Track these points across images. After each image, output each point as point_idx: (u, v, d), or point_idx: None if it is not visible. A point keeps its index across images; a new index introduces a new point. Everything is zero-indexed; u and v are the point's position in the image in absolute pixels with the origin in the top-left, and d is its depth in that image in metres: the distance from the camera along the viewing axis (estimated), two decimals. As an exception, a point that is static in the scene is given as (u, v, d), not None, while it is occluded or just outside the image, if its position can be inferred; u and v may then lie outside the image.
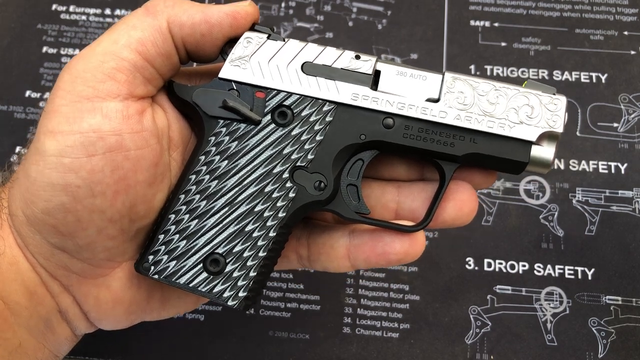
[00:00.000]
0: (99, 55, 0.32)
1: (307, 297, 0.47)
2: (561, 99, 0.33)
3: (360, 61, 0.34)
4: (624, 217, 0.49)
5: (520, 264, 0.48)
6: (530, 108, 0.33)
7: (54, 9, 0.58)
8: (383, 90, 0.34)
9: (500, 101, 0.33)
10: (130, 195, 0.32)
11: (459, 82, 0.33)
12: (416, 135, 0.33)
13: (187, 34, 0.33)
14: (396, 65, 0.34)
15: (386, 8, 0.58)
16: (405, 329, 0.46)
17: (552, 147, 0.34)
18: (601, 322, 0.46)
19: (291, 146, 0.33)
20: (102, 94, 0.31)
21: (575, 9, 0.57)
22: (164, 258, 0.33)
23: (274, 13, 0.57)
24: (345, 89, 0.33)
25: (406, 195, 0.36)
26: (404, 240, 0.34)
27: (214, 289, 0.33)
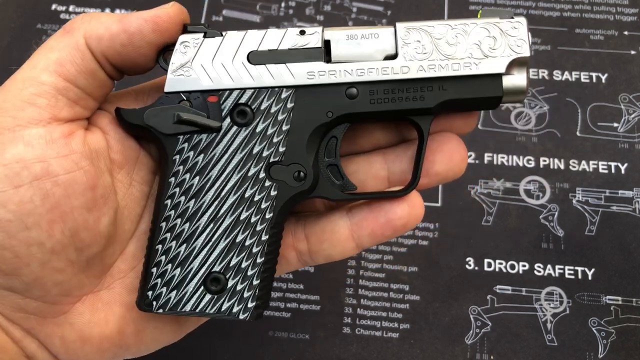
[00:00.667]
0: (19, 83, 0.31)
1: (307, 297, 0.47)
2: (522, 21, 0.32)
3: (306, 36, 0.32)
4: (624, 217, 0.49)
5: (520, 264, 0.48)
6: (492, 39, 0.32)
7: (54, 9, 0.58)
8: (338, 60, 0.32)
9: (460, 40, 0.32)
10: (69, 223, 0.30)
11: (414, 32, 0.32)
12: (383, 98, 0.32)
13: (106, 47, 0.31)
14: (345, 30, 0.32)
15: (386, 8, 0.58)
16: (405, 329, 0.46)
17: (523, 73, 0.32)
18: (601, 322, 0.46)
19: (259, 144, 0.31)
20: (22, 122, 0.30)
21: (576, 9, 0.57)
22: (163, 290, 0.32)
23: (274, 13, 0.57)
24: (299, 69, 0.31)
25: (392, 160, 0.35)
26: (402, 204, 0.33)
27: (222, 308, 0.32)
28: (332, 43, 0.32)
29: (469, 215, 0.50)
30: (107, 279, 0.33)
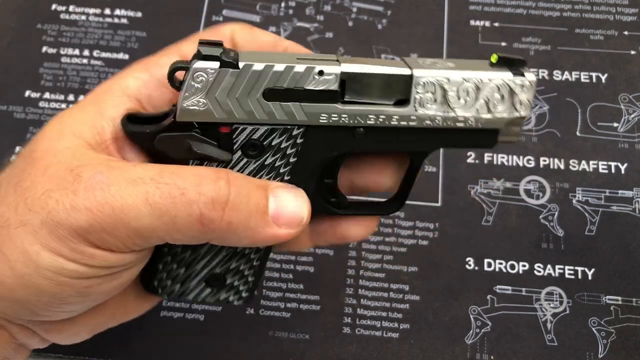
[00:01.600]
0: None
1: (307, 297, 0.47)
2: (532, 82, 0.32)
3: (324, 77, 0.31)
4: (624, 217, 0.49)
5: (520, 264, 0.48)
6: (500, 98, 0.32)
7: (54, 9, 0.58)
8: (350, 99, 0.31)
9: (470, 96, 0.32)
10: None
11: (429, 84, 0.31)
12: (388, 140, 0.32)
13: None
14: (360, 66, 0.32)
15: (386, 8, 0.58)
16: (405, 329, 0.46)
17: (518, 127, 0.33)
18: (601, 322, 0.46)
19: (267, 174, 0.32)
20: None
21: (575, 9, 0.57)
22: (168, 283, 0.35)
23: (274, 13, 0.57)
24: (313, 110, 0.31)
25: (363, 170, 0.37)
26: (360, 227, 0.36)
27: (220, 298, 0.36)
28: (347, 83, 0.31)
29: (469, 215, 0.50)
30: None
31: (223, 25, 0.35)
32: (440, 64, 0.32)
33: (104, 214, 0.27)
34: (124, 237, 0.28)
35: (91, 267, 0.29)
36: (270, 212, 0.30)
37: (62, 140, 0.30)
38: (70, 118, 0.31)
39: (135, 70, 0.33)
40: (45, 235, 0.27)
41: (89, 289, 0.30)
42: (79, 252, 0.28)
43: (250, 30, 0.35)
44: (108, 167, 0.29)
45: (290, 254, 0.49)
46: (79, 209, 0.27)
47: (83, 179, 0.28)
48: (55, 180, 0.28)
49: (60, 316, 0.31)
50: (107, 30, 0.57)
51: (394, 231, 0.49)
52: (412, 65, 0.32)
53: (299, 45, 0.37)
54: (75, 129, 0.30)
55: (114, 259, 0.29)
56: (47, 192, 0.28)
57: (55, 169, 0.29)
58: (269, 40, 0.35)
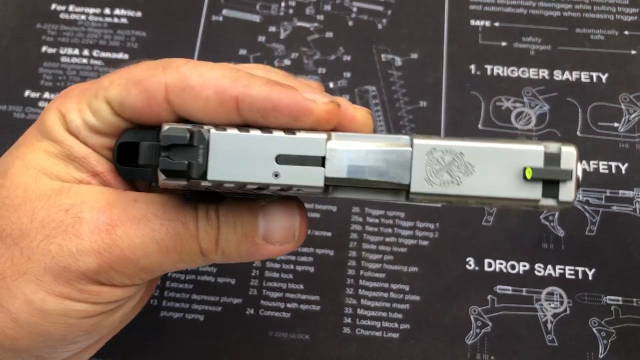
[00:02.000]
0: None
1: (307, 297, 0.47)
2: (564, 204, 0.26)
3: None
4: (624, 217, 0.49)
5: (520, 264, 0.48)
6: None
7: (53, 9, 0.58)
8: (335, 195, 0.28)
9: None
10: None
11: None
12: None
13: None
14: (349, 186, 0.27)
15: (386, 7, 0.58)
16: (406, 329, 0.46)
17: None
18: (602, 323, 0.46)
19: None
20: None
21: (576, 9, 0.57)
22: None
23: (274, 13, 0.57)
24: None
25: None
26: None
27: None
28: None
29: (469, 215, 0.49)
30: None
31: (154, 77, 0.28)
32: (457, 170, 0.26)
33: (113, 255, 0.27)
34: (132, 274, 0.28)
35: (98, 305, 0.29)
36: (260, 233, 0.29)
37: (40, 183, 0.29)
38: (33, 157, 0.30)
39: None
40: (50, 281, 0.27)
41: (96, 325, 0.30)
42: (86, 292, 0.28)
43: (185, 84, 0.27)
44: (107, 204, 0.28)
45: (290, 254, 0.49)
46: (87, 252, 0.27)
47: (85, 220, 0.27)
48: (51, 225, 0.27)
49: (67, 355, 0.31)
50: (107, 30, 0.57)
51: (394, 231, 0.49)
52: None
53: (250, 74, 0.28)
54: (44, 168, 0.29)
55: (119, 293, 0.29)
56: (46, 238, 0.27)
57: (46, 213, 0.28)
58: (210, 95, 0.27)
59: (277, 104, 0.26)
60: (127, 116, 0.29)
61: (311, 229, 0.49)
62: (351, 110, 0.29)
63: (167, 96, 0.27)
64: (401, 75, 0.55)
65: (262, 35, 0.56)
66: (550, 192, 0.25)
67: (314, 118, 0.26)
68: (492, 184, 0.25)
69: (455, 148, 0.25)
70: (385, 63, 0.55)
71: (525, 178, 0.25)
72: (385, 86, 0.54)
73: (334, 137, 0.26)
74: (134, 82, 0.28)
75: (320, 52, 0.56)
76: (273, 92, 0.26)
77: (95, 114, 0.29)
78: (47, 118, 0.30)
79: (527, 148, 0.25)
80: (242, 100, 0.26)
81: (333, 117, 0.27)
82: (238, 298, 0.47)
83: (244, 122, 0.27)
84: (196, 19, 0.57)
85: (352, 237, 0.49)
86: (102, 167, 0.30)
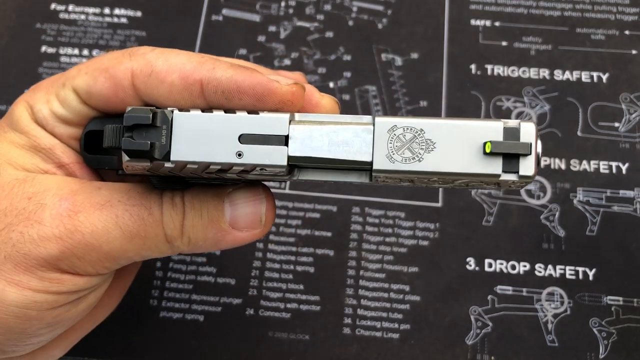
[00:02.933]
0: None
1: (307, 298, 0.47)
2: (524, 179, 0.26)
3: (267, 171, 0.27)
4: (625, 218, 0.49)
5: (521, 264, 0.48)
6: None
7: (53, 8, 0.58)
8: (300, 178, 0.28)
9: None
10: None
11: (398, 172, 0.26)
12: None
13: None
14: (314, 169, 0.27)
15: (386, 7, 0.57)
16: (406, 329, 0.46)
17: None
18: (602, 323, 0.46)
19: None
20: None
21: (576, 8, 0.57)
22: None
23: (274, 12, 0.57)
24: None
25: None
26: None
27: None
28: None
29: (470, 215, 0.49)
30: None
31: (121, 64, 0.28)
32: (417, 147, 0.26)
33: (75, 240, 0.27)
34: (95, 261, 0.28)
35: (60, 295, 0.28)
36: (227, 219, 0.29)
37: (5, 173, 0.29)
38: (0, 147, 0.29)
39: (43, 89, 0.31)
40: (10, 269, 0.27)
41: (58, 317, 0.29)
42: (47, 279, 0.27)
43: (151, 70, 0.28)
44: (71, 192, 0.28)
45: (290, 255, 0.48)
46: (48, 238, 0.27)
47: (47, 206, 0.27)
48: (13, 213, 0.27)
49: (29, 349, 0.31)
50: (107, 29, 0.57)
51: (394, 231, 0.49)
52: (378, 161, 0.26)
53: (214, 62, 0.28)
54: (9, 158, 0.29)
55: (82, 282, 0.29)
56: (7, 226, 0.27)
57: (8, 202, 0.28)
58: (175, 80, 0.27)
59: (240, 85, 0.26)
60: (95, 104, 0.29)
61: (311, 229, 0.49)
62: (317, 96, 0.30)
63: (133, 82, 0.28)
64: (401, 75, 0.55)
65: (262, 35, 0.56)
66: (510, 167, 0.25)
67: (278, 99, 0.27)
68: (453, 160, 0.25)
69: (416, 125, 0.25)
70: (385, 63, 0.55)
71: (485, 153, 0.25)
72: (386, 86, 0.54)
73: (297, 117, 0.27)
74: (101, 70, 0.28)
75: (320, 51, 0.55)
76: (237, 74, 0.27)
77: (63, 103, 0.29)
78: (15, 110, 0.30)
79: (486, 124, 0.25)
80: (207, 83, 0.27)
81: (297, 98, 0.27)
82: (238, 298, 0.47)
83: (208, 106, 0.27)
84: (196, 18, 0.57)
85: (352, 237, 0.49)
86: (68, 158, 0.30)
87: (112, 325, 0.46)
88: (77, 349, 0.44)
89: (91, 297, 0.31)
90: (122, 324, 0.46)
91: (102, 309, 0.36)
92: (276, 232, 0.49)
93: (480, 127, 0.25)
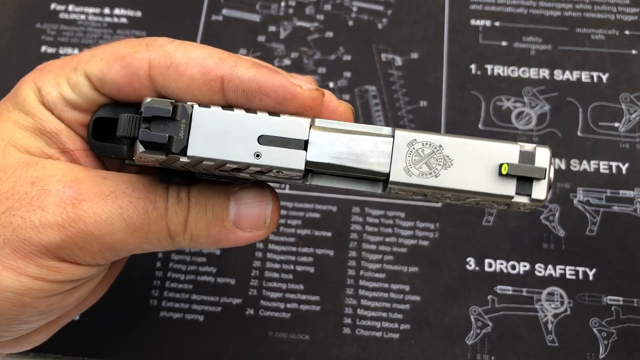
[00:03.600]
0: None
1: (307, 298, 0.47)
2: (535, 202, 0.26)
3: (284, 174, 0.27)
4: (625, 218, 0.49)
5: (521, 264, 0.48)
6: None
7: (53, 9, 0.58)
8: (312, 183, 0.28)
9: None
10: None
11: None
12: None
13: None
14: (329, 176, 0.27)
15: (386, 7, 0.57)
16: (406, 329, 0.46)
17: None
18: (602, 323, 0.46)
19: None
20: None
21: (576, 8, 0.57)
22: None
23: (274, 12, 0.57)
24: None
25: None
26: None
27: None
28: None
29: (470, 215, 0.49)
30: None
31: (138, 53, 0.28)
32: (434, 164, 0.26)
33: (77, 229, 0.26)
34: (95, 252, 0.27)
35: (57, 283, 0.28)
36: (231, 218, 0.29)
37: (7, 155, 0.28)
38: (3, 128, 0.29)
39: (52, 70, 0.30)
40: (8, 254, 0.26)
41: (52, 306, 0.29)
42: (45, 267, 0.27)
43: (170, 62, 0.27)
44: (75, 179, 0.27)
45: (290, 255, 0.48)
46: (51, 225, 0.26)
47: (51, 193, 0.27)
48: (15, 197, 0.27)
49: (17, 334, 0.30)
50: (107, 29, 0.57)
51: (394, 231, 0.49)
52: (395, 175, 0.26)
53: (237, 61, 0.28)
54: (13, 140, 0.28)
55: (80, 271, 0.28)
56: (8, 210, 0.26)
57: (11, 184, 0.27)
58: (195, 74, 0.27)
59: (263, 86, 0.26)
60: (107, 92, 0.29)
61: (311, 229, 0.49)
62: (335, 102, 0.29)
63: (150, 73, 0.27)
64: (401, 75, 0.55)
65: (262, 35, 0.56)
66: (523, 190, 0.26)
67: (298, 103, 0.26)
68: (468, 178, 0.26)
69: (435, 141, 0.26)
70: (385, 63, 0.55)
71: (500, 174, 0.26)
72: (385, 86, 0.54)
73: (317, 122, 0.27)
74: (117, 58, 0.28)
75: (320, 51, 0.55)
76: (260, 74, 0.26)
77: (73, 87, 0.29)
78: (22, 90, 0.30)
79: (504, 145, 0.26)
80: (228, 80, 0.26)
81: (317, 104, 0.27)
82: (238, 298, 0.47)
83: (226, 104, 0.27)
84: (196, 18, 0.57)
85: (352, 237, 0.49)
86: (73, 144, 0.30)
87: (112, 325, 0.46)
88: (77, 349, 0.44)
89: (86, 287, 0.31)
90: (122, 324, 0.46)
91: (90, 297, 0.36)
92: (276, 232, 0.49)
93: (498, 148, 0.26)
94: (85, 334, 0.44)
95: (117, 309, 0.40)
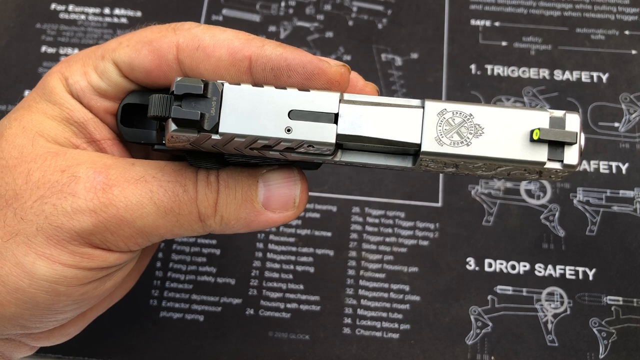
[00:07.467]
0: None
1: (307, 298, 0.47)
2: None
3: (314, 149, 0.27)
4: (625, 217, 0.49)
5: (521, 264, 0.48)
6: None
7: (53, 9, 0.58)
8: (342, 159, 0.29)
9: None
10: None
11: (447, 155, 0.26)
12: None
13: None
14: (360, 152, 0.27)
15: (386, 7, 0.57)
16: (406, 329, 0.46)
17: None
18: (602, 323, 0.46)
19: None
20: None
21: (576, 8, 0.57)
22: None
23: (274, 12, 0.57)
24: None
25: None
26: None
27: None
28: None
29: (470, 215, 0.49)
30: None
31: (165, 37, 0.28)
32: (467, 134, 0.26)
33: (109, 214, 0.27)
34: (127, 237, 0.28)
35: (90, 270, 0.28)
36: (260, 199, 0.29)
37: (37, 145, 0.28)
38: (31, 119, 0.29)
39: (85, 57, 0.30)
40: (42, 242, 0.26)
41: (85, 294, 0.29)
42: (78, 254, 0.27)
43: (198, 44, 0.28)
44: (104, 165, 0.28)
45: (290, 255, 0.48)
46: (82, 211, 0.26)
47: (81, 179, 0.27)
48: (46, 185, 0.27)
49: (52, 325, 0.30)
50: (107, 29, 0.57)
51: (395, 231, 0.49)
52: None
53: (264, 43, 0.29)
54: (42, 130, 0.29)
55: (112, 258, 0.28)
56: (40, 198, 0.27)
57: (41, 173, 0.27)
58: (223, 55, 0.27)
59: (291, 63, 0.26)
60: (135, 77, 0.29)
61: (311, 229, 0.49)
62: (362, 82, 0.30)
63: (178, 56, 0.28)
64: (401, 75, 0.55)
65: (262, 34, 0.56)
66: (555, 155, 0.25)
67: (327, 78, 0.27)
68: (500, 145, 0.25)
69: (465, 110, 0.26)
70: (385, 63, 0.55)
71: (532, 140, 0.25)
72: (385, 86, 0.54)
73: (346, 96, 0.27)
74: (144, 43, 0.28)
75: (320, 51, 0.55)
76: (287, 52, 0.27)
77: (101, 75, 0.29)
78: (49, 81, 0.30)
79: (534, 112, 0.26)
80: (256, 59, 0.27)
81: (344, 80, 0.27)
82: (238, 298, 0.47)
83: (254, 84, 0.27)
84: (196, 18, 0.57)
85: (352, 237, 0.49)
86: (100, 134, 0.30)
87: (112, 325, 0.46)
88: (77, 349, 0.44)
89: (118, 275, 0.31)
90: (122, 324, 0.46)
91: (120, 290, 0.36)
92: (276, 232, 0.49)
93: (528, 114, 0.26)
94: (85, 334, 0.44)
95: (117, 309, 0.40)
